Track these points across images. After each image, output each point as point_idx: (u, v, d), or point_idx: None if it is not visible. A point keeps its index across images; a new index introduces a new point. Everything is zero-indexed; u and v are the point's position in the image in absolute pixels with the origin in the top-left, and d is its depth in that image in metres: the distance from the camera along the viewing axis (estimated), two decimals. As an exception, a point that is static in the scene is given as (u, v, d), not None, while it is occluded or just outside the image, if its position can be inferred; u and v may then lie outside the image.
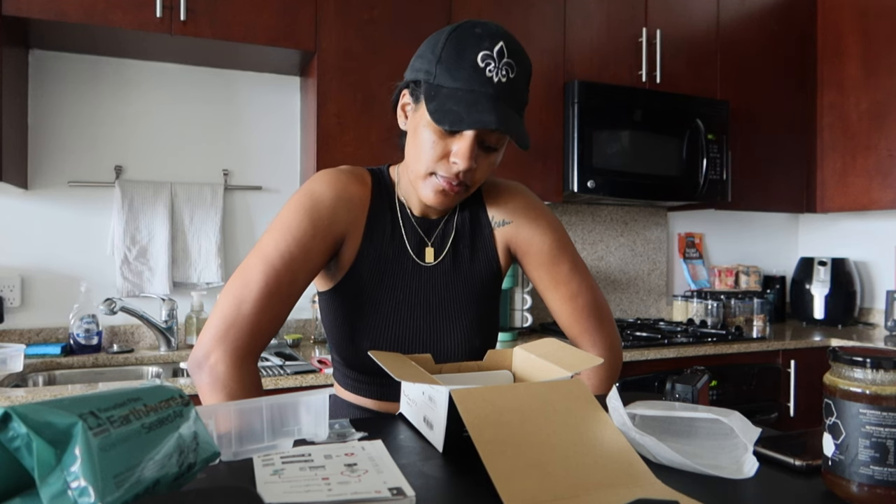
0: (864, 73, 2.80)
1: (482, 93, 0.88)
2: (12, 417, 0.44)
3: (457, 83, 0.89)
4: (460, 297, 1.05)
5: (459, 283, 1.05)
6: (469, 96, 0.88)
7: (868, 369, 0.59)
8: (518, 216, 1.09)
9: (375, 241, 1.02)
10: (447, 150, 0.93)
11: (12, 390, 1.59)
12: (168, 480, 0.52)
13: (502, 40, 0.90)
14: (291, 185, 2.44)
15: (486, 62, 0.88)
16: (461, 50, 0.89)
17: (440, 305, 1.04)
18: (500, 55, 0.89)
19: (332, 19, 2.12)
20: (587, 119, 2.41)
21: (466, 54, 0.89)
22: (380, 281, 1.02)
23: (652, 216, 3.04)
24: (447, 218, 1.08)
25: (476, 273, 1.07)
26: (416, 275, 1.04)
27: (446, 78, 0.90)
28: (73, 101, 2.17)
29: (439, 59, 0.91)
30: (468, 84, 0.88)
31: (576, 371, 0.83)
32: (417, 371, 0.84)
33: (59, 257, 2.15)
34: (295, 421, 0.72)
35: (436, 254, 1.05)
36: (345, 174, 1.02)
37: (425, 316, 1.04)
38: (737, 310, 2.85)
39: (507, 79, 0.89)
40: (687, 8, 2.70)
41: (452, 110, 0.88)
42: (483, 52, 0.88)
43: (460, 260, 1.06)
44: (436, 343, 1.04)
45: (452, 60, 0.89)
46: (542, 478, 0.61)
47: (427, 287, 1.04)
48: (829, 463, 0.62)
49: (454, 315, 1.05)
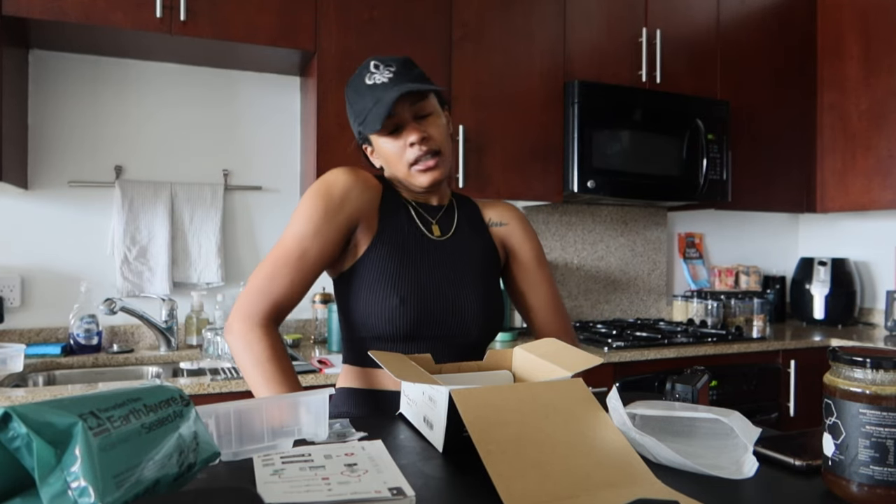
0: (864, 73, 2.80)
1: (382, 92, 1.09)
2: (12, 417, 0.44)
3: (367, 105, 1.11)
4: (470, 269, 1.16)
5: (467, 258, 1.17)
6: (377, 104, 1.09)
7: (868, 369, 0.59)
8: (512, 221, 1.27)
9: (392, 220, 1.14)
10: (402, 143, 1.12)
11: (12, 390, 1.59)
12: (168, 480, 0.52)
13: (372, 60, 1.13)
14: (291, 185, 2.44)
15: (372, 78, 1.11)
16: (356, 87, 1.13)
17: (455, 275, 1.14)
18: (376, 67, 1.12)
19: (332, 19, 2.12)
20: (587, 119, 2.41)
21: (360, 87, 1.12)
22: (403, 252, 1.12)
23: (652, 216, 3.04)
24: (446, 209, 1.22)
25: (479, 252, 1.20)
26: (432, 247, 1.15)
27: (361, 111, 1.12)
28: (73, 101, 2.17)
29: (351, 106, 1.15)
30: (373, 98, 1.10)
31: (576, 371, 0.84)
32: (417, 371, 0.84)
33: (59, 257, 2.15)
34: (295, 421, 0.72)
35: (442, 232, 1.18)
36: (357, 169, 1.17)
37: (446, 284, 1.12)
38: (737, 310, 2.85)
39: (392, 73, 1.10)
40: (687, 8, 2.70)
41: (374, 117, 1.08)
42: (367, 75, 1.12)
43: (466, 239, 1.19)
44: (457, 310, 1.12)
45: (355, 98, 1.13)
46: (542, 478, 0.61)
47: (443, 258, 1.15)
48: (829, 463, 0.62)
49: (469, 284, 1.15)
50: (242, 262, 2.38)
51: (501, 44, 2.37)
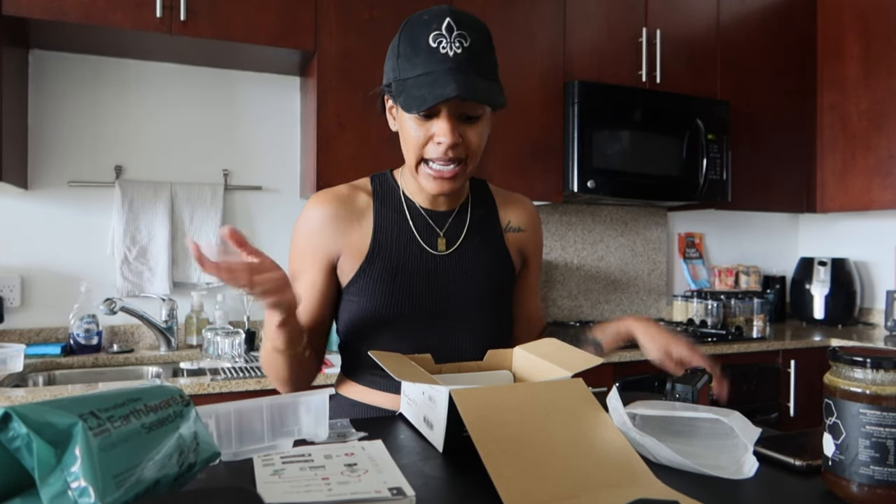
0: (864, 73, 2.80)
1: (441, 70, 0.93)
2: (12, 417, 0.44)
3: (417, 70, 0.94)
4: (475, 286, 1.07)
5: (474, 274, 1.08)
6: (429, 78, 0.93)
7: (868, 369, 0.59)
8: (530, 227, 1.17)
9: (386, 239, 1.05)
10: (430, 134, 0.97)
11: (12, 390, 1.59)
12: (168, 480, 0.52)
13: (448, 16, 0.94)
14: (291, 185, 2.44)
15: (438, 41, 0.93)
16: (414, 40, 0.95)
17: (456, 293, 1.06)
18: (449, 30, 0.93)
19: (332, 19, 2.12)
20: (587, 119, 2.41)
21: (420, 41, 0.95)
22: (395, 273, 1.04)
23: (652, 216, 3.04)
24: (458, 211, 1.11)
25: (490, 266, 1.10)
26: (430, 264, 1.06)
27: (408, 69, 0.95)
28: (73, 101, 2.17)
29: (399, 55, 0.98)
30: (427, 67, 0.93)
31: (576, 371, 0.84)
32: (417, 371, 0.84)
33: (59, 257, 2.15)
34: (295, 421, 0.72)
35: (448, 244, 1.08)
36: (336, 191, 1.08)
37: (442, 303, 1.05)
38: (737, 310, 2.85)
39: (463, 48, 0.93)
40: (687, 8, 2.70)
41: (417, 95, 0.93)
42: (433, 34, 0.94)
43: (474, 252, 1.09)
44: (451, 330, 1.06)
45: (409, 52, 0.96)
46: (542, 478, 0.61)
47: (442, 275, 1.06)
48: (829, 463, 0.62)
49: (471, 303, 1.07)
50: (242, 262, 2.38)
51: (501, 44, 2.35)
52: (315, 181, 2.11)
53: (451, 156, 0.97)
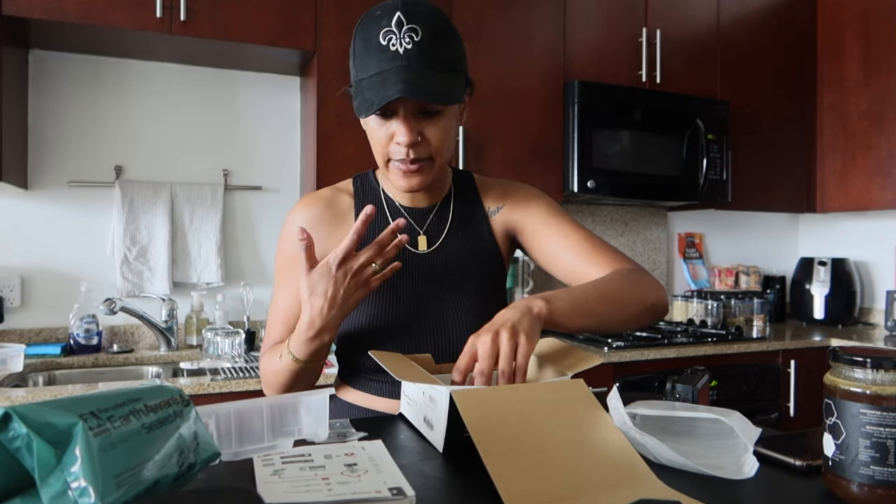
0: (864, 73, 2.80)
1: (391, 69, 0.89)
2: (12, 417, 0.44)
3: (370, 70, 0.91)
4: (459, 282, 1.05)
5: (458, 270, 1.06)
6: (379, 78, 0.90)
7: (868, 369, 0.59)
8: (508, 198, 1.11)
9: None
10: (390, 133, 0.95)
11: (12, 390, 1.59)
12: (168, 480, 0.52)
13: (398, 10, 0.90)
14: (291, 185, 2.44)
15: (388, 38, 0.90)
16: (367, 38, 0.92)
17: (440, 292, 1.04)
18: (398, 25, 0.89)
19: (332, 19, 2.12)
20: (587, 119, 2.41)
21: (371, 40, 0.91)
22: None
23: (652, 216, 3.04)
24: (440, 206, 1.09)
25: (475, 260, 1.07)
26: (410, 263, 1.04)
27: (362, 70, 0.93)
28: (73, 101, 2.17)
29: (354, 55, 0.95)
30: (378, 66, 0.90)
31: (576, 371, 0.83)
32: (418, 371, 0.84)
33: (59, 257, 2.15)
34: (295, 421, 0.72)
35: (429, 242, 1.06)
36: (319, 195, 1.08)
37: (425, 302, 1.04)
38: (737, 310, 2.85)
39: (414, 43, 0.89)
40: (687, 8, 2.70)
41: (367, 98, 0.90)
42: (384, 31, 0.90)
43: (457, 247, 1.07)
44: (439, 329, 1.03)
45: (362, 51, 0.92)
46: (542, 478, 0.61)
47: (424, 274, 1.04)
48: (829, 463, 0.62)
49: (455, 301, 1.04)
50: (242, 262, 2.38)
51: (501, 44, 2.37)
52: (315, 181, 2.11)
53: (413, 156, 0.94)
